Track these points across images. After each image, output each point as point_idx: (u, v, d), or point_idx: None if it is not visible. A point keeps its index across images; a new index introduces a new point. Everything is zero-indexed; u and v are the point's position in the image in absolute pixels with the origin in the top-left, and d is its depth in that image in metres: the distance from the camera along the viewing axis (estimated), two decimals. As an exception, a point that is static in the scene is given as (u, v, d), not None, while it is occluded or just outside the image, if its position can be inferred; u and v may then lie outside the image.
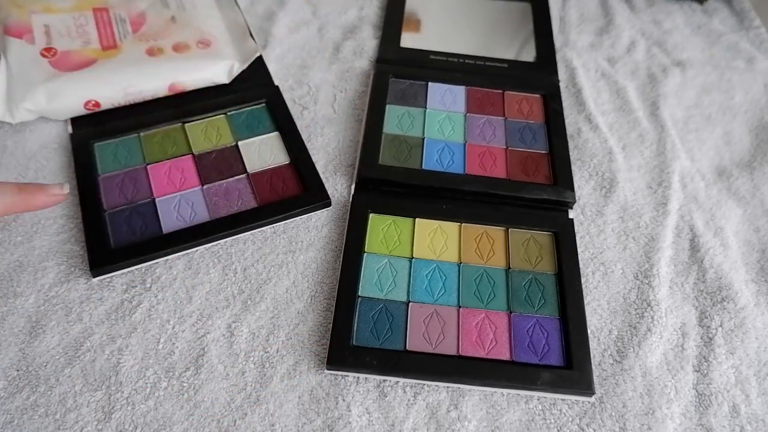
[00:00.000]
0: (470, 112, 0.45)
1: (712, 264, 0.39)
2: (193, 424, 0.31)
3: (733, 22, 0.56)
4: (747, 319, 0.37)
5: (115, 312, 0.35)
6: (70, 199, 0.39)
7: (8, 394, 0.31)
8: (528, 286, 0.36)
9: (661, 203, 0.42)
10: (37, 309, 0.34)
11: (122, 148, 0.41)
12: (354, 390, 0.33)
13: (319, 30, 0.51)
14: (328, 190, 0.40)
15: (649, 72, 0.51)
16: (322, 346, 0.34)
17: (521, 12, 0.53)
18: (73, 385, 0.32)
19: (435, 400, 0.33)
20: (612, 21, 0.55)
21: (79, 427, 0.31)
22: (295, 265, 0.37)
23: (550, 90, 0.47)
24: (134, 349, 0.33)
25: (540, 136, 0.44)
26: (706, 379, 0.34)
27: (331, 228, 0.39)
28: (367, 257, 0.37)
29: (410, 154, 0.42)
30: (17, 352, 0.33)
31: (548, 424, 0.32)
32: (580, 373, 0.33)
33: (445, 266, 0.37)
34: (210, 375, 0.33)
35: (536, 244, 0.38)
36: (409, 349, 0.33)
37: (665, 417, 0.33)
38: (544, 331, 0.35)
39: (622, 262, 0.39)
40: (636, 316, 0.36)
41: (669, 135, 0.46)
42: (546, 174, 0.42)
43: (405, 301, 0.35)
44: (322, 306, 0.36)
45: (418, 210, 0.39)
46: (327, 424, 0.32)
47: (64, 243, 0.37)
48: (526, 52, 0.50)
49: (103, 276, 0.35)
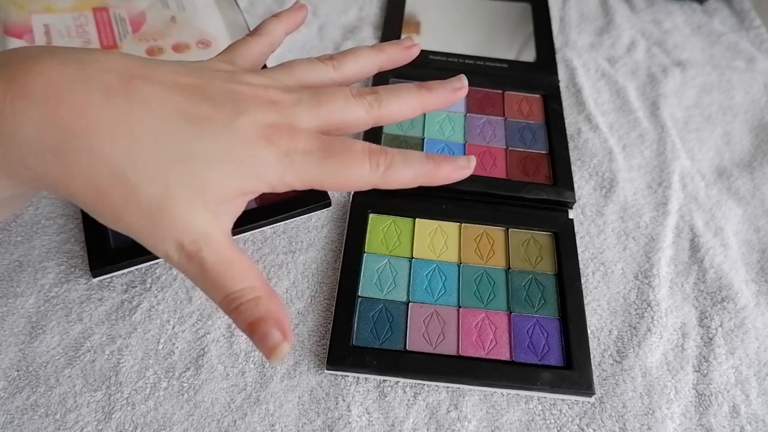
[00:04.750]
0: (470, 112, 0.45)
1: (712, 264, 0.39)
2: (193, 424, 0.31)
3: (733, 22, 0.56)
4: (747, 319, 0.37)
5: (115, 312, 0.35)
6: (70, 199, 0.39)
7: (8, 395, 0.31)
8: (528, 286, 0.36)
9: (661, 203, 0.42)
10: (37, 309, 0.34)
11: (122, 148, 0.41)
12: (354, 390, 0.33)
13: (319, 30, 0.51)
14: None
15: (649, 72, 0.51)
16: (322, 347, 0.34)
17: (521, 12, 0.53)
18: (73, 386, 0.32)
19: (435, 400, 0.33)
20: (612, 21, 0.55)
21: (79, 427, 0.31)
22: (295, 266, 0.37)
23: (550, 90, 0.47)
24: (134, 349, 0.33)
25: (540, 137, 0.44)
26: (706, 379, 0.34)
27: (331, 228, 0.39)
28: (367, 257, 0.37)
29: (410, 154, 0.42)
30: (17, 353, 0.33)
31: (548, 424, 0.32)
32: (580, 374, 0.33)
33: (445, 266, 0.37)
34: (210, 375, 0.33)
35: (536, 244, 0.38)
36: (409, 349, 0.33)
37: (665, 417, 0.33)
38: (544, 332, 0.35)
39: (622, 262, 0.39)
40: (636, 316, 0.36)
41: (669, 135, 0.46)
42: (546, 174, 0.42)
43: (405, 301, 0.35)
44: (322, 306, 0.36)
45: (418, 210, 0.39)
46: (327, 425, 0.32)
47: (64, 243, 0.37)
48: (526, 53, 0.50)
49: (103, 276, 0.35)
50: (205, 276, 0.24)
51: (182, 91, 0.24)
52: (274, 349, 0.23)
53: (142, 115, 0.23)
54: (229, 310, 0.24)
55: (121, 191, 0.23)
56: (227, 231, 0.25)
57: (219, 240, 0.24)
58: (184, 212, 0.24)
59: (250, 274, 0.24)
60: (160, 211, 0.23)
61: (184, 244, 0.23)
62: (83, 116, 0.22)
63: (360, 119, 0.28)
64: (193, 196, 0.24)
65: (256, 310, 0.24)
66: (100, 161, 0.22)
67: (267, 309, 0.24)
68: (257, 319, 0.23)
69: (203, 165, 0.24)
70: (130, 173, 0.23)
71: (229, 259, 0.24)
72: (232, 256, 0.24)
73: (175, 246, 0.24)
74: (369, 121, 0.28)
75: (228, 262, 0.24)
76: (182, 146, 0.24)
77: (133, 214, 0.23)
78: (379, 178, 0.27)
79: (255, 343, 0.24)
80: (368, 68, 0.31)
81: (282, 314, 0.24)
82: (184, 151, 0.24)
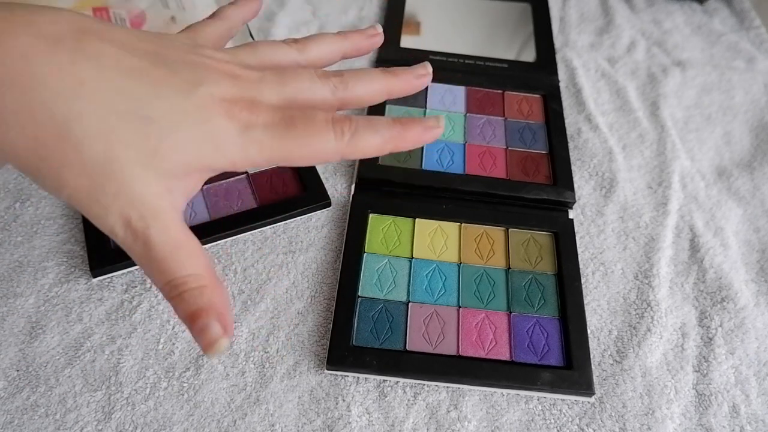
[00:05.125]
0: (470, 112, 0.45)
1: (712, 264, 0.39)
2: (193, 424, 0.31)
3: (733, 22, 0.56)
4: (747, 319, 0.37)
5: (115, 312, 0.35)
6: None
7: (8, 395, 0.31)
8: (528, 286, 0.36)
9: (661, 203, 0.42)
10: (37, 309, 0.34)
11: (122, 148, 0.41)
12: (354, 390, 0.33)
13: (319, 30, 0.51)
14: (328, 190, 0.40)
15: (649, 72, 0.51)
16: (322, 347, 0.34)
17: (521, 12, 0.53)
18: (73, 386, 0.32)
19: (435, 400, 0.33)
20: (612, 21, 0.55)
21: (79, 427, 0.31)
22: (295, 266, 0.37)
23: (550, 90, 0.47)
24: (134, 349, 0.33)
25: (540, 136, 0.44)
26: (706, 379, 0.34)
27: (331, 228, 0.39)
28: (367, 257, 0.37)
29: (410, 154, 0.42)
30: (17, 353, 0.33)
31: (548, 424, 0.32)
32: (580, 374, 0.33)
33: (445, 266, 0.37)
34: (210, 375, 0.33)
35: (536, 244, 0.38)
36: (409, 349, 0.33)
37: (665, 417, 0.33)
38: (544, 332, 0.35)
39: (622, 262, 0.39)
40: (636, 316, 0.36)
41: (669, 135, 0.46)
42: (546, 174, 0.42)
43: (405, 301, 0.35)
44: (322, 306, 0.36)
45: (418, 210, 0.39)
46: (327, 425, 0.32)
47: (64, 243, 0.37)
48: (526, 53, 0.50)
49: (103, 276, 0.35)
50: (150, 257, 0.22)
51: (139, 54, 0.23)
52: (212, 343, 0.21)
53: (91, 68, 0.21)
54: (171, 296, 0.22)
55: (62, 148, 0.21)
56: (179, 210, 0.24)
57: (169, 218, 0.22)
58: (132, 177, 0.22)
59: (197, 261, 0.23)
60: (105, 173, 0.21)
61: (131, 220, 0.22)
62: (25, 62, 0.20)
63: (326, 101, 0.27)
64: (144, 159, 0.22)
65: (199, 299, 0.22)
66: (41, 113, 0.21)
67: (210, 299, 0.22)
68: (198, 309, 0.22)
69: (156, 128, 0.22)
70: (75, 127, 0.21)
71: (177, 242, 0.22)
72: (182, 238, 0.23)
73: (122, 221, 0.22)
74: (334, 103, 0.27)
75: (176, 245, 0.22)
76: (134, 104, 0.22)
77: (77, 176, 0.21)
78: (345, 147, 0.25)
79: (193, 335, 0.22)
80: (332, 54, 0.30)
81: (225, 307, 0.22)
82: (137, 109, 0.22)
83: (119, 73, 0.22)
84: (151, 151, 0.22)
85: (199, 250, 0.23)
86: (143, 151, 0.22)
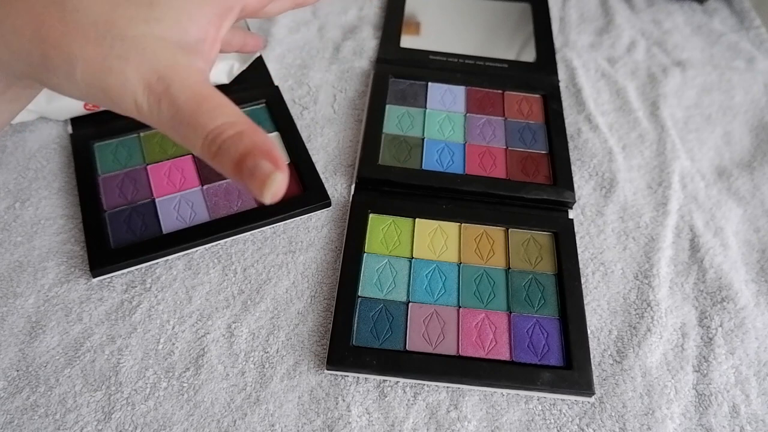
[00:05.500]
0: (470, 113, 0.45)
1: (712, 264, 0.39)
2: (193, 425, 0.31)
3: (733, 22, 0.56)
4: (747, 319, 0.37)
5: (115, 312, 0.35)
6: (69, 200, 0.39)
7: (8, 395, 0.31)
8: (528, 287, 0.36)
9: (661, 203, 0.42)
10: (37, 309, 0.34)
11: (122, 148, 0.41)
12: (354, 390, 0.33)
13: (319, 30, 0.51)
14: (328, 190, 0.40)
15: (649, 72, 0.51)
16: (322, 346, 0.34)
17: (521, 12, 0.53)
18: (73, 386, 0.32)
19: (435, 400, 0.33)
20: (612, 21, 0.55)
21: (79, 427, 0.31)
22: (295, 265, 0.37)
23: (550, 90, 0.47)
24: (134, 350, 0.33)
25: (540, 137, 0.44)
26: (706, 379, 0.34)
27: (331, 228, 0.39)
28: (367, 257, 0.37)
29: (410, 154, 0.42)
30: (17, 353, 0.33)
31: (548, 424, 0.32)
32: (579, 374, 0.33)
33: (445, 266, 0.37)
34: (210, 375, 0.33)
35: (536, 244, 0.38)
36: (408, 350, 0.33)
37: (665, 417, 0.33)
38: (543, 332, 0.35)
39: (622, 262, 0.39)
40: (636, 316, 0.36)
41: (669, 135, 0.46)
42: (546, 174, 0.42)
43: (405, 301, 0.35)
44: (322, 306, 0.36)
45: (418, 210, 0.39)
46: (327, 425, 0.32)
47: (64, 243, 0.37)
48: (526, 53, 0.50)
49: (103, 276, 0.35)
50: (178, 117, 0.21)
51: None
52: (265, 180, 0.20)
53: None
54: (212, 153, 0.21)
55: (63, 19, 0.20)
56: (198, 65, 0.23)
57: (188, 72, 0.21)
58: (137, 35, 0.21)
59: (228, 110, 0.22)
60: (110, 34, 0.20)
61: (151, 83, 0.21)
62: None
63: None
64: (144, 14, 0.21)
65: (240, 144, 0.20)
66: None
67: (252, 141, 0.21)
68: (242, 155, 0.20)
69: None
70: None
71: (202, 95, 0.21)
72: (206, 91, 0.22)
73: (142, 86, 0.21)
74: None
75: (202, 98, 0.21)
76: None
77: (83, 46, 0.20)
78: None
79: (245, 184, 0.20)
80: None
81: (270, 144, 0.21)
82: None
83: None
84: (147, 4, 0.21)
85: (227, 100, 0.22)
86: (141, 6, 0.21)
